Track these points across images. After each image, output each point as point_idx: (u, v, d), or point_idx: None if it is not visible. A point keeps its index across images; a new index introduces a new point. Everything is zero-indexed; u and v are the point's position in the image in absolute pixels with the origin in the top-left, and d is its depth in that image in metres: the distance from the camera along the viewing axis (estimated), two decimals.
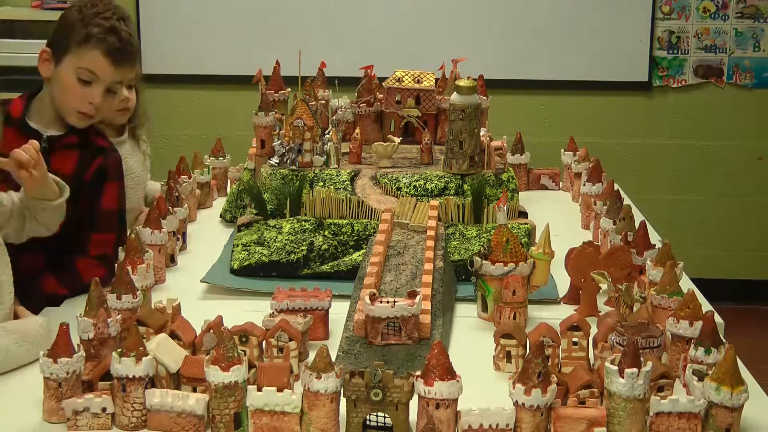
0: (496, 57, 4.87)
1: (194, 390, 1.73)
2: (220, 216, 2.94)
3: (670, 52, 4.94)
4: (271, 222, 2.53)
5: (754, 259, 5.21)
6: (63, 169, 2.36)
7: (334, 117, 2.97)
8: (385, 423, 1.64)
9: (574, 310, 2.19)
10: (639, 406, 1.62)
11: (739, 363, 1.70)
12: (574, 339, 1.90)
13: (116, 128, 2.87)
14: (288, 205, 2.56)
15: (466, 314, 2.25)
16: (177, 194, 2.69)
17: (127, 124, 2.92)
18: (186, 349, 1.83)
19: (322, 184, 2.61)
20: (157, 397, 1.67)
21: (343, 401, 1.64)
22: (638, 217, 2.59)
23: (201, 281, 2.41)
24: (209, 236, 2.79)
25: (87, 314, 1.86)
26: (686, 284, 2.19)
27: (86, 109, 2.40)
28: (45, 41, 2.47)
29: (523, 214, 2.66)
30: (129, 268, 2.10)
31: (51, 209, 2.24)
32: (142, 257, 2.18)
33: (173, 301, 2.03)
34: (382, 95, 3.01)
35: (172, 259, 2.55)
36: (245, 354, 1.79)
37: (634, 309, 2.02)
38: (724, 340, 1.84)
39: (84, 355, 1.74)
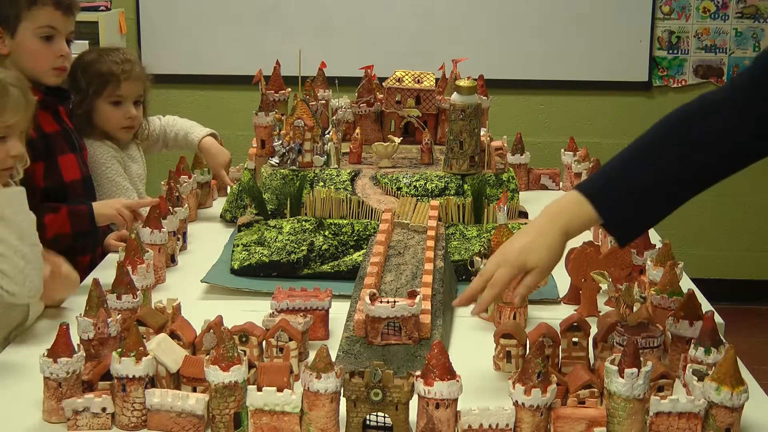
0: (496, 57, 4.87)
1: (194, 390, 1.73)
2: (220, 216, 2.94)
3: (670, 52, 4.94)
4: (272, 222, 2.53)
5: (754, 259, 5.21)
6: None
7: (334, 117, 2.97)
8: (385, 423, 1.64)
9: (574, 310, 2.19)
10: (639, 406, 1.62)
11: (739, 363, 1.70)
12: (574, 339, 1.90)
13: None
14: (288, 205, 2.56)
15: (466, 314, 2.25)
16: (177, 194, 2.69)
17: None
18: (186, 349, 1.83)
19: (322, 184, 2.61)
20: (157, 397, 1.67)
21: (343, 401, 1.64)
22: None
23: (201, 281, 2.41)
24: (209, 236, 2.79)
25: (87, 314, 1.86)
26: (686, 284, 2.19)
27: (59, 63, 2.61)
28: None
29: (523, 214, 2.66)
30: (129, 268, 2.10)
31: None
32: (142, 257, 2.18)
33: (173, 301, 2.03)
34: (382, 95, 3.01)
35: (172, 259, 2.55)
36: (245, 354, 1.79)
37: (634, 309, 2.02)
38: (724, 340, 1.84)
39: (84, 355, 1.74)
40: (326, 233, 2.49)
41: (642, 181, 1.81)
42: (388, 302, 1.91)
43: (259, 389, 1.65)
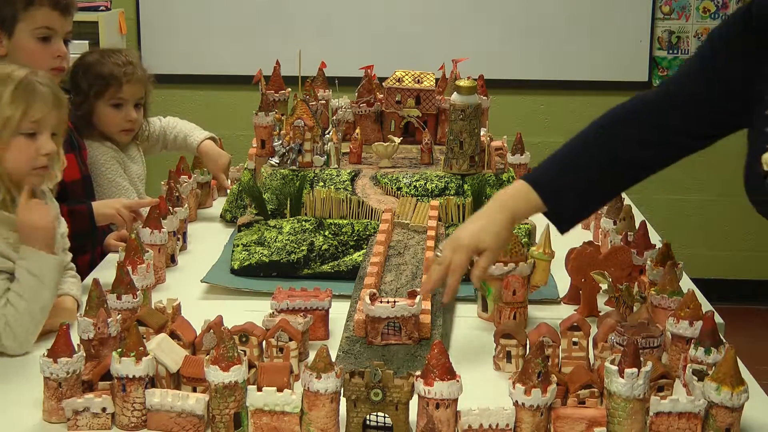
0: (496, 57, 4.87)
1: (194, 390, 1.73)
2: (220, 216, 2.95)
3: (670, 52, 4.94)
4: (272, 222, 2.53)
5: (754, 259, 5.21)
6: None
7: (334, 117, 2.97)
8: (385, 423, 1.64)
9: (574, 310, 2.19)
10: (639, 406, 1.62)
11: (739, 363, 1.70)
12: (574, 339, 1.90)
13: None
14: (288, 205, 2.56)
15: (466, 314, 2.25)
16: (177, 194, 2.69)
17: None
18: (186, 349, 1.83)
19: (322, 184, 2.61)
20: (157, 397, 1.67)
21: (343, 401, 1.64)
22: (638, 217, 2.59)
23: (201, 281, 2.41)
24: (209, 236, 2.79)
25: (87, 314, 1.86)
26: (686, 284, 2.19)
27: (56, 63, 2.59)
28: None
29: None
30: (129, 268, 2.10)
31: None
32: (142, 257, 2.18)
33: (173, 301, 2.03)
34: (382, 95, 3.01)
35: (172, 259, 2.55)
36: (245, 354, 1.79)
37: (634, 309, 2.02)
38: (724, 340, 1.84)
39: (84, 355, 1.74)
40: (326, 233, 2.49)
41: (582, 173, 1.97)
42: (388, 302, 1.92)
43: (259, 389, 1.65)
